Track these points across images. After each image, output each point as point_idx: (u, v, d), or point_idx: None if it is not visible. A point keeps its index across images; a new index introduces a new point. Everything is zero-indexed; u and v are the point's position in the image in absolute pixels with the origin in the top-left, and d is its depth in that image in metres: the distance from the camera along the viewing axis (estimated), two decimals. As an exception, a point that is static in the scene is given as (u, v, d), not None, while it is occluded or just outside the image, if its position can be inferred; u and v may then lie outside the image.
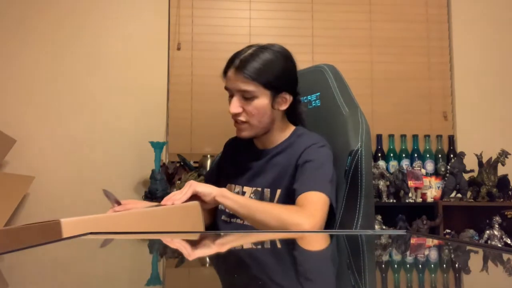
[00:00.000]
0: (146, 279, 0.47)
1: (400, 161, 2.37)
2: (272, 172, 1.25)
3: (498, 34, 2.59)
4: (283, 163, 1.24)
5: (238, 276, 0.49)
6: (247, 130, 1.24)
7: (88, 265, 0.55)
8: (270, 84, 1.19)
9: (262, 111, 1.20)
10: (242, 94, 1.20)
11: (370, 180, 1.20)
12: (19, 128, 2.34)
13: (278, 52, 1.22)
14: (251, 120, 1.21)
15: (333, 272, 0.52)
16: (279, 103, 1.23)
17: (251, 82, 1.17)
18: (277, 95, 1.21)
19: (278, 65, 1.20)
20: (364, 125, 1.24)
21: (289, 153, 1.24)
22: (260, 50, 1.21)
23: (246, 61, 1.19)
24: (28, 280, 0.46)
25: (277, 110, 1.23)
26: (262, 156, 1.29)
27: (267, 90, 1.19)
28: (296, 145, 1.24)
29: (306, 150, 1.20)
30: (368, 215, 1.18)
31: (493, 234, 2.18)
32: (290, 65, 1.24)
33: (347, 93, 1.34)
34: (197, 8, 2.51)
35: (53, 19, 2.42)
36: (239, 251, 0.72)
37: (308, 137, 1.25)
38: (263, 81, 1.18)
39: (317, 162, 1.18)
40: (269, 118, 1.23)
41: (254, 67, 1.17)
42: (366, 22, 2.57)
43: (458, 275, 0.50)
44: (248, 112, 1.20)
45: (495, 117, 2.54)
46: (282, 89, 1.21)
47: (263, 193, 1.24)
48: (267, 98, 1.20)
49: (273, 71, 1.19)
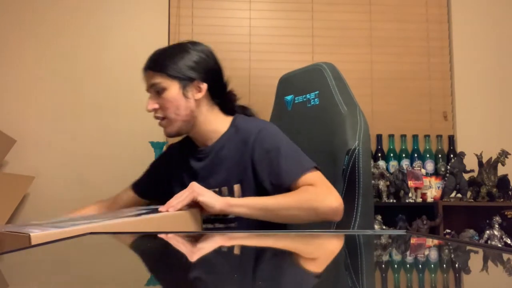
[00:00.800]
0: (146, 279, 0.47)
1: (400, 161, 2.37)
2: (221, 168, 1.22)
3: (498, 34, 2.59)
4: (231, 156, 1.21)
5: (237, 276, 0.49)
6: (168, 126, 1.23)
7: (88, 265, 0.55)
8: (176, 73, 1.19)
9: (174, 102, 1.19)
10: (154, 90, 1.21)
11: (368, 179, 1.20)
12: (19, 128, 2.34)
13: (183, 44, 1.24)
14: (167, 114, 1.21)
15: (333, 273, 0.52)
16: (192, 92, 1.21)
17: (157, 74, 1.19)
18: (188, 84, 1.20)
19: (183, 54, 1.21)
20: (363, 124, 1.24)
21: (234, 144, 1.21)
22: (167, 46, 1.25)
23: (151, 58, 1.22)
24: (28, 280, 0.46)
25: (193, 101, 1.21)
26: (207, 155, 1.26)
27: (173, 80, 1.19)
28: (240, 135, 1.21)
29: (257, 138, 1.17)
30: (367, 215, 1.18)
31: (493, 234, 2.18)
32: (200, 55, 1.23)
33: (346, 92, 1.33)
34: (197, 8, 2.51)
35: (53, 19, 2.42)
36: (240, 251, 0.72)
37: (249, 124, 1.22)
38: (168, 71, 1.19)
39: (279, 145, 1.16)
40: (186, 109, 1.21)
41: (157, 60, 1.21)
42: (366, 22, 2.57)
43: (458, 275, 0.50)
44: (162, 105, 1.21)
45: (495, 117, 2.54)
46: (193, 78, 1.20)
47: (220, 192, 1.21)
48: (176, 88, 1.19)
49: (177, 61, 1.20)
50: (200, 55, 1.23)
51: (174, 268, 0.54)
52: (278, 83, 1.55)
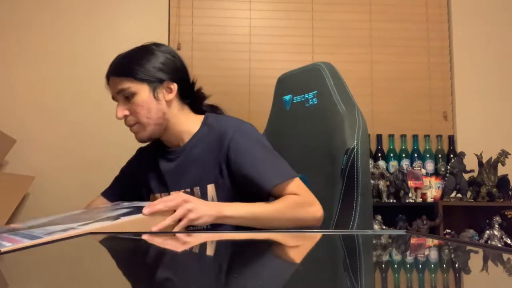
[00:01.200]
0: (146, 279, 0.47)
1: (400, 161, 2.37)
2: (194, 168, 1.19)
3: (498, 34, 2.59)
4: (205, 156, 1.18)
5: (237, 275, 0.49)
6: (141, 131, 1.20)
7: (88, 265, 0.55)
8: (145, 76, 1.16)
9: (145, 106, 1.16)
10: (123, 96, 1.17)
11: (367, 179, 1.20)
12: (19, 128, 2.34)
13: (147, 46, 1.21)
14: (140, 119, 1.17)
15: (333, 273, 0.52)
16: (163, 94, 1.18)
17: (124, 79, 1.16)
18: (158, 86, 1.17)
19: (149, 56, 1.18)
20: (361, 123, 1.23)
21: (207, 143, 1.19)
22: (130, 50, 1.22)
23: (114, 63, 1.20)
24: (28, 280, 0.46)
25: (164, 102, 1.18)
26: (177, 156, 1.22)
27: (143, 83, 1.16)
28: (213, 135, 1.19)
29: (233, 138, 1.14)
30: (366, 214, 1.17)
31: (493, 234, 2.18)
32: (166, 56, 1.21)
33: (344, 92, 1.33)
34: (197, 8, 2.51)
35: (52, 19, 2.42)
36: (239, 250, 0.72)
37: (223, 123, 1.20)
38: (136, 75, 1.15)
39: (255, 147, 1.15)
40: (158, 111, 1.18)
41: (123, 65, 1.18)
42: (366, 22, 2.57)
43: (458, 275, 0.50)
44: (133, 111, 1.17)
45: (495, 117, 2.54)
46: (162, 79, 1.18)
47: (192, 192, 1.18)
48: (146, 91, 1.16)
49: (144, 63, 1.17)
50: (166, 55, 1.21)
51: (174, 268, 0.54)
52: (277, 83, 1.55)
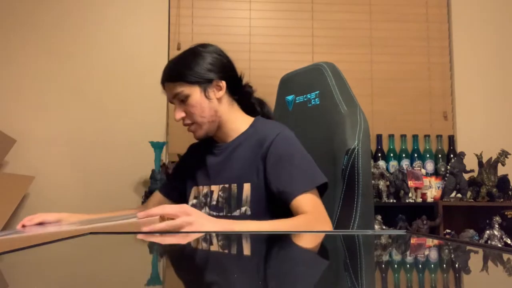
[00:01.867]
0: (146, 279, 0.47)
1: (400, 161, 2.37)
2: (235, 166, 1.24)
3: (498, 34, 2.59)
4: (246, 155, 1.23)
5: (238, 276, 0.49)
6: (197, 130, 1.27)
7: (88, 265, 0.55)
8: (194, 79, 1.23)
9: (199, 106, 1.23)
10: (178, 99, 1.24)
11: (368, 179, 1.19)
12: (19, 128, 2.34)
13: (193, 49, 1.28)
14: (195, 119, 1.25)
15: (333, 273, 0.52)
16: (213, 93, 1.25)
17: (177, 84, 1.23)
18: (208, 86, 1.24)
19: (197, 59, 1.25)
20: (363, 123, 1.23)
21: (250, 144, 1.24)
22: (178, 55, 1.29)
23: (166, 70, 1.27)
24: (28, 280, 0.46)
25: (216, 100, 1.25)
26: (223, 151, 1.29)
27: (194, 86, 1.23)
28: (257, 136, 1.24)
29: (274, 143, 1.19)
30: (366, 215, 1.16)
31: (493, 234, 2.18)
32: (212, 55, 1.27)
33: (346, 91, 1.32)
34: (197, 8, 2.51)
35: (52, 19, 2.42)
36: (244, 251, 0.72)
37: (267, 128, 1.25)
38: (186, 78, 1.22)
39: (292, 153, 1.18)
40: (210, 110, 1.24)
41: (173, 70, 1.25)
42: (366, 22, 2.57)
43: (458, 275, 0.50)
44: (189, 112, 1.24)
45: (495, 117, 2.54)
46: (211, 78, 1.24)
47: (230, 188, 1.23)
48: (197, 92, 1.23)
49: (193, 66, 1.23)
50: (213, 55, 1.27)
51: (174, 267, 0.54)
52: (279, 83, 1.55)
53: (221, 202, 1.23)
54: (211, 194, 1.26)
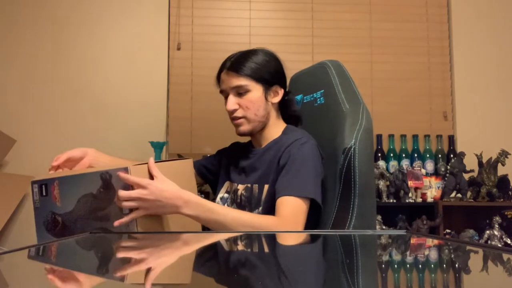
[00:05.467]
0: (146, 279, 0.47)
1: (400, 161, 2.37)
2: (261, 168, 1.29)
3: (498, 34, 2.59)
4: (269, 159, 1.28)
5: (238, 277, 0.49)
6: (244, 125, 1.30)
7: (88, 265, 0.55)
8: (261, 78, 1.28)
9: (256, 103, 1.28)
10: (236, 91, 1.28)
11: (366, 179, 1.16)
12: (19, 128, 2.34)
13: (264, 51, 1.35)
14: (247, 114, 1.28)
15: (332, 273, 0.52)
16: (271, 96, 1.31)
17: (243, 77, 1.27)
18: (269, 88, 1.30)
19: (266, 60, 1.31)
20: (364, 122, 1.20)
21: (275, 149, 1.28)
22: (248, 51, 1.34)
23: (236, 61, 1.30)
24: (28, 280, 0.46)
25: (270, 104, 1.31)
26: (255, 154, 1.34)
27: (258, 84, 1.28)
28: (281, 142, 1.28)
29: (288, 148, 1.23)
30: (364, 215, 1.14)
31: (493, 234, 2.18)
32: (278, 62, 1.35)
33: (350, 90, 1.31)
34: (197, 8, 2.51)
35: (53, 18, 2.42)
36: (237, 252, 0.72)
37: (292, 134, 1.29)
38: (254, 75, 1.28)
39: (299, 161, 1.20)
40: (264, 110, 1.30)
41: (244, 64, 1.29)
42: (366, 22, 2.57)
43: (458, 275, 0.50)
44: (244, 106, 1.28)
45: (495, 117, 2.54)
46: (273, 82, 1.31)
47: (252, 189, 1.28)
48: (260, 91, 1.29)
49: (262, 66, 1.29)
50: (276, 62, 1.34)
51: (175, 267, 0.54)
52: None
53: (244, 201, 1.28)
54: (236, 192, 1.31)
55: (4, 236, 2.23)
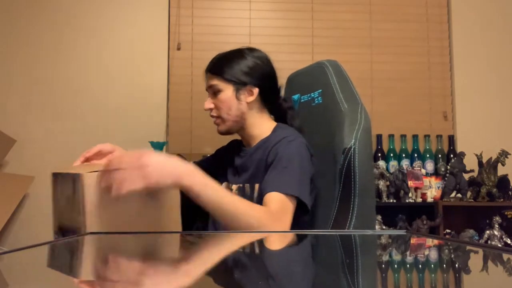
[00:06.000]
0: (147, 279, 0.47)
1: (400, 161, 2.37)
2: (251, 168, 1.29)
3: (498, 34, 2.59)
4: (259, 158, 1.28)
5: (237, 276, 0.49)
6: (220, 124, 1.33)
7: (88, 265, 0.55)
8: (232, 77, 1.29)
9: (227, 103, 1.29)
10: (212, 91, 1.32)
11: (366, 179, 1.15)
12: (19, 128, 2.34)
13: (242, 50, 1.33)
14: (221, 114, 1.31)
15: (332, 273, 0.52)
16: (245, 96, 1.30)
17: (215, 77, 1.30)
18: (241, 88, 1.29)
19: (239, 60, 1.30)
20: (363, 122, 1.19)
21: (263, 148, 1.28)
22: (229, 51, 1.34)
23: (212, 61, 1.34)
24: (28, 280, 0.46)
25: (245, 104, 1.30)
26: (246, 154, 1.34)
27: (229, 83, 1.29)
28: (269, 141, 1.28)
29: (276, 145, 1.23)
30: (364, 216, 1.14)
31: (493, 234, 2.18)
32: (257, 61, 1.32)
33: (348, 89, 1.31)
34: (197, 8, 2.51)
35: (53, 19, 2.42)
36: (236, 252, 0.72)
37: (280, 133, 1.28)
38: (224, 75, 1.29)
39: (285, 159, 1.19)
40: (237, 111, 1.30)
41: (217, 64, 1.32)
42: (366, 22, 2.57)
43: (458, 275, 0.50)
44: (216, 106, 1.31)
45: (495, 117, 2.54)
46: (246, 82, 1.29)
47: (244, 189, 1.29)
48: (230, 90, 1.29)
49: (235, 66, 1.30)
50: (255, 61, 1.32)
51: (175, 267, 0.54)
52: (286, 82, 1.55)
53: None
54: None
55: (4, 236, 2.23)
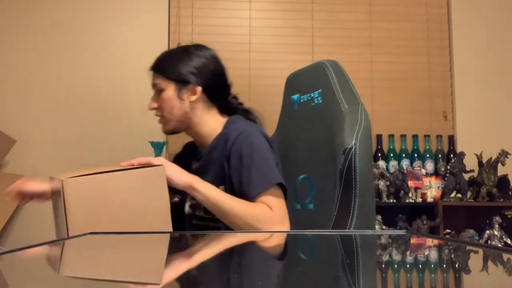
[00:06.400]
0: (147, 279, 0.47)
1: (400, 161, 2.37)
2: (211, 169, 1.26)
3: (498, 34, 2.59)
4: (217, 157, 1.24)
5: (239, 276, 0.49)
6: (164, 124, 1.31)
7: (88, 265, 0.55)
8: (174, 76, 1.26)
9: (169, 102, 1.26)
10: (155, 90, 1.29)
11: (366, 180, 1.16)
12: (19, 128, 2.34)
13: (187, 47, 1.31)
14: (164, 113, 1.29)
15: (332, 273, 0.52)
16: (187, 94, 1.27)
17: (157, 75, 1.29)
18: (184, 87, 1.26)
19: (183, 58, 1.28)
20: (363, 121, 1.20)
21: (220, 146, 1.24)
22: (171, 49, 1.34)
23: (156, 59, 1.32)
24: (28, 280, 0.46)
25: (188, 103, 1.27)
26: (202, 156, 1.30)
27: (170, 82, 1.26)
28: (225, 136, 1.24)
29: (236, 141, 1.19)
30: (365, 216, 1.14)
31: (493, 234, 2.18)
32: (202, 59, 1.28)
33: (348, 90, 1.31)
34: (197, 8, 2.51)
35: (53, 19, 2.42)
36: (236, 253, 0.72)
37: (232, 127, 1.25)
38: (166, 73, 1.27)
39: (250, 153, 1.17)
40: (180, 110, 1.27)
41: (159, 62, 1.30)
42: (366, 22, 2.57)
43: (458, 275, 0.50)
44: (159, 105, 1.29)
45: (495, 117, 2.54)
46: (188, 81, 1.26)
47: None
48: (172, 89, 1.26)
49: (177, 64, 1.27)
50: (200, 59, 1.28)
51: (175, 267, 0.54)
52: (286, 82, 1.55)
53: None
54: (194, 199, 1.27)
55: (4, 236, 2.23)
